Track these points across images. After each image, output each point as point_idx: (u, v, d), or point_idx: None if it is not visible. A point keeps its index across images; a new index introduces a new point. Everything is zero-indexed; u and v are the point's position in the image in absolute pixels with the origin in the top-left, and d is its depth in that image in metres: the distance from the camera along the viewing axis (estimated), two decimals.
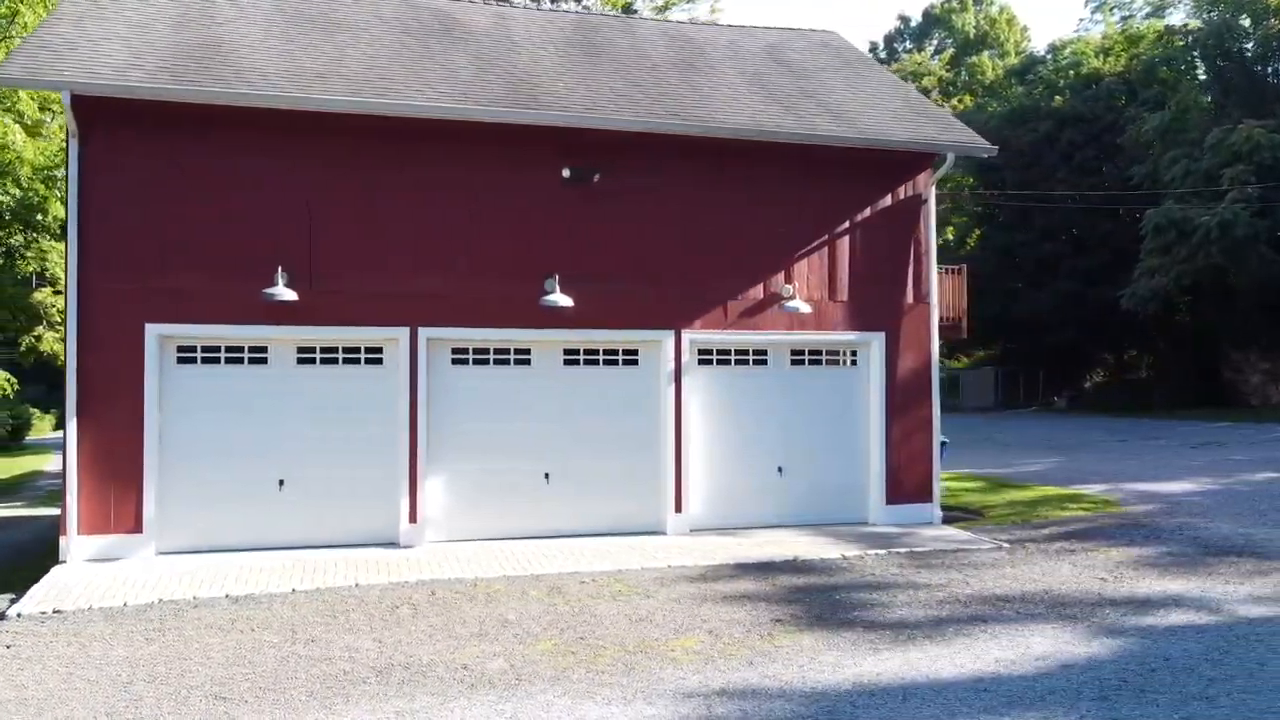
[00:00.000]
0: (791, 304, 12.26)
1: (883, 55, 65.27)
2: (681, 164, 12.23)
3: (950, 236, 51.00)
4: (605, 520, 12.00)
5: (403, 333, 11.32)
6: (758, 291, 12.48)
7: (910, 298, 13.03)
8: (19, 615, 8.69)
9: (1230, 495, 15.18)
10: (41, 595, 9.25)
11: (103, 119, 10.51)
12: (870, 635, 8.00)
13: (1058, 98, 38.98)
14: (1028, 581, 9.76)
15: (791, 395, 12.83)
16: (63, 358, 11.49)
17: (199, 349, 10.97)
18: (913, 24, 67.07)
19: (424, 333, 11.39)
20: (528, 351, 11.95)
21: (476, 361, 11.79)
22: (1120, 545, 11.51)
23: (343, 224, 11.20)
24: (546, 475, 11.91)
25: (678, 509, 12.14)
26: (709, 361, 12.55)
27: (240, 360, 11.11)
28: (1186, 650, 7.42)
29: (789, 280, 12.54)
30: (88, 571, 10.02)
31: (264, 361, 11.19)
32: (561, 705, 6.47)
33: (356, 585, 9.67)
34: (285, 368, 11.24)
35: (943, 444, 14.29)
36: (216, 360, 11.05)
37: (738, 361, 12.69)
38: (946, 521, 13.27)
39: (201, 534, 10.86)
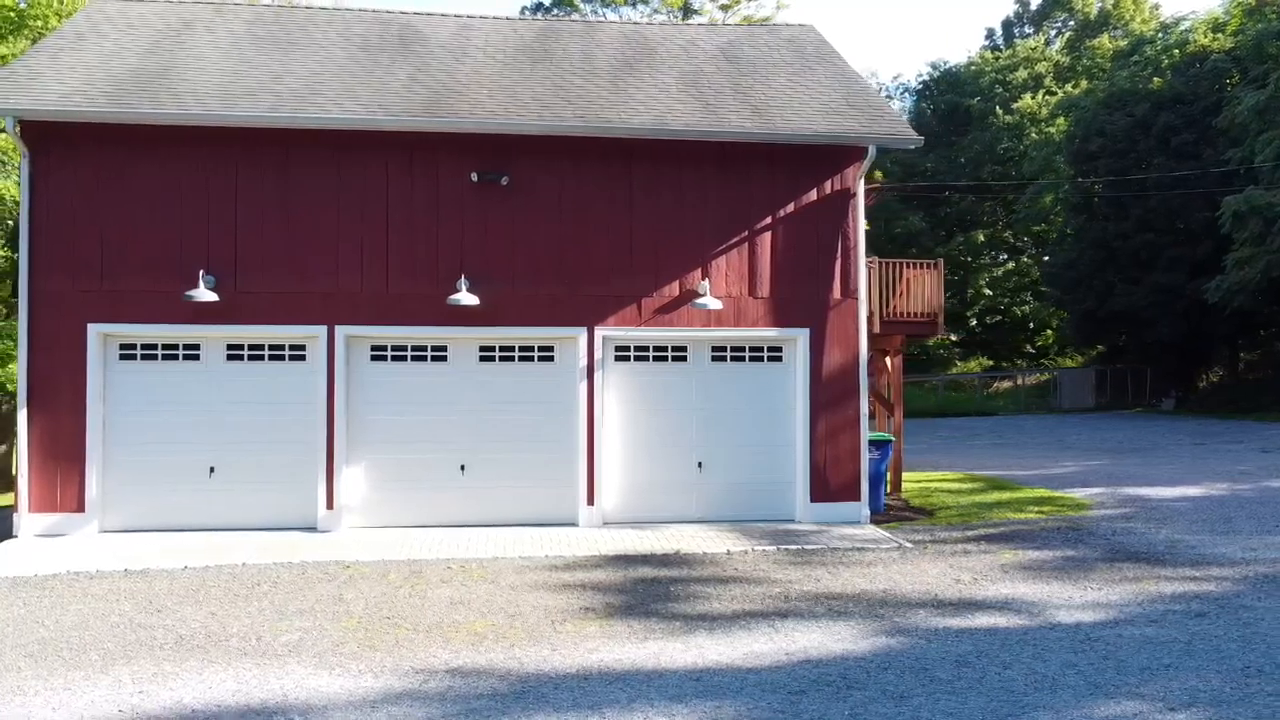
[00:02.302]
0: (701, 301, 12.33)
1: (999, 42, 62.73)
2: (594, 165, 12.51)
3: (1042, 229, 48.72)
4: (519, 511, 12.42)
5: (321, 331, 12.08)
6: (673, 289, 12.61)
7: (837, 293, 12.86)
8: None
9: (1221, 502, 14.20)
10: None
11: (50, 140, 11.70)
12: (660, 626, 8.13)
13: (1156, 79, 36.55)
14: (882, 581, 9.59)
15: (713, 392, 12.89)
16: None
17: (138, 346, 12.05)
18: (1032, 6, 64.06)
19: (341, 330, 12.11)
20: (444, 348, 12.50)
21: (395, 358, 12.44)
22: (1030, 549, 11.07)
23: (266, 229, 12.04)
24: (462, 467, 12.43)
25: (590, 502, 12.43)
26: (626, 358, 12.77)
27: (175, 357, 12.13)
28: (950, 651, 7.25)
29: (706, 277, 12.61)
30: (30, 545, 11.21)
31: (197, 358, 12.17)
32: (300, 674, 6.95)
33: (243, 565, 10.44)
34: (216, 364, 12.19)
35: (885, 442, 14.01)
36: (154, 357, 12.10)
37: (656, 358, 12.85)
38: (884, 520, 13.03)
39: (140, 515, 11.93)
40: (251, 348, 12.23)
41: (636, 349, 12.79)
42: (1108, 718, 5.90)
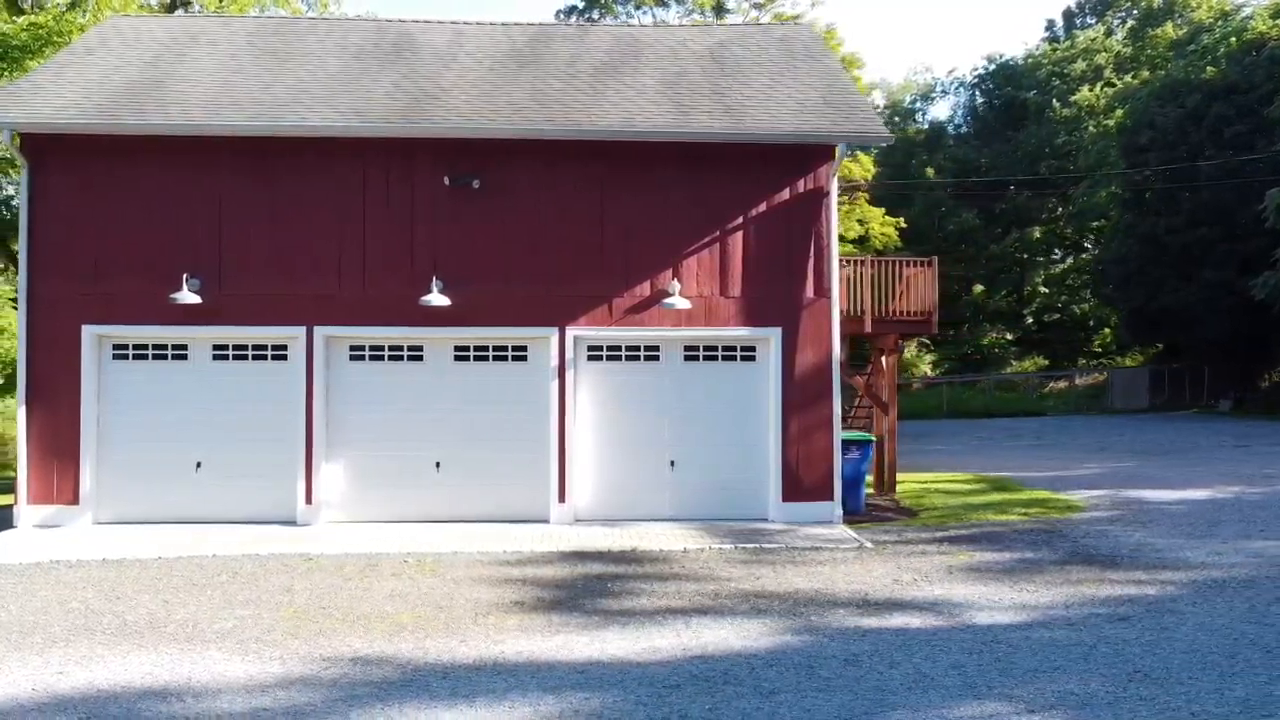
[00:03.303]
0: (669, 301, 12.44)
1: (1059, 32, 61.16)
2: (566, 167, 12.71)
3: (1100, 225, 47.33)
4: (492, 508, 12.68)
5: (300, 331, 12.51)
6: (644, 289, 12.74)
7: (810, 293, 12.83)
8: None
9: (1219, 506, 13.77)
10: None
11: (47, 151, 12.34)
12: (578, 620, 8.28)
13: (1209, 68, 35.27)
14: (821, 580, 9.59)
15: (686, 392, 12.98)
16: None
17: (130, 347, 12.63)
18: None
19: (320, 331, 12.52)
20: (420, 348, 12.83)
21: (373, 358, 12.80)
22: (990, 551, 10.93)
23: (250, 233, 12.51)
24: (437, 464, 12.74)
25: (561, 499, 12.63)
26: (599, 358, 12.93)
27: (165, 357, 12.68)
28: (845, 650, 7.25)
29: (677, 277, 12.71)
30: (25, 535, 11.85)
31: (185, 358, 12.71)
32: (215, 659, 7.28)
33: (212, 556, 10.89)
34: (203, 363, 12.71)
35: (865, 443, 13.92)
36: (145, 357, 12.67)
37: (629, 358, 12.98)
38: (861, 520, 12.98)
39: (131, 507, 12.50)
40: (236, 348, 12.72)
41: (609, 349, 12.95)
42: (962, 718, 5.88)
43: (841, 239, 34.39)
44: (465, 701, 6.31)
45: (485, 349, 12.86)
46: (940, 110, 68.63)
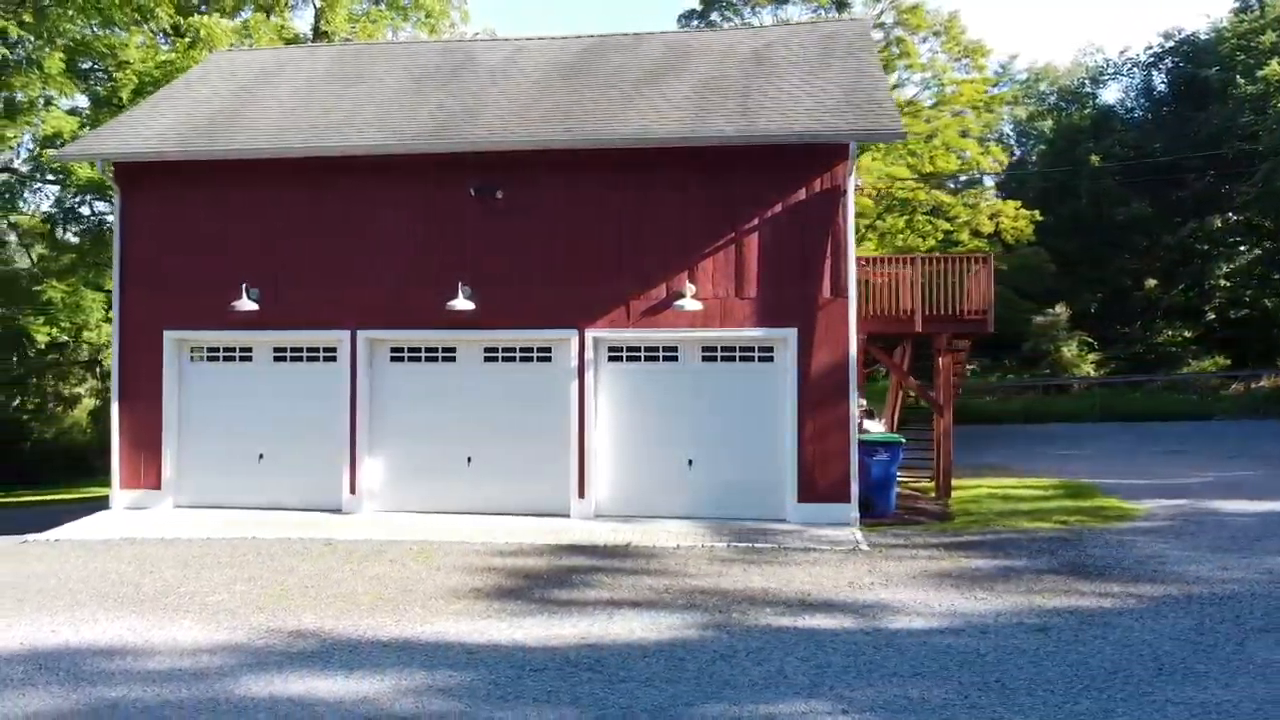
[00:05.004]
0: (680, 303, 12.68)
1: (1253, 1, 55.93)
2: (586, 174, 13.18)
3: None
4: (518, 501, 13.31)
5: (345, 335, 13.59)
6: (660, 291, 13.03)
7: (827, 293, 12.74)
8: (56, 540, 12.32)
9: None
10: (68, 530, 12.80)
11: (136, 177, 13.97)
12: (518, 608, 8.74)
13: None
14: (779, 580, 9.63)
15: (704, 391, 13.17)
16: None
17: (204, 349, 14.11)
18: None
19: (363, 334, 13.56)
20: (453, 350, 13.65)
21: (410, 359, 13.73)
22: (982, 557, 10.59)
23: (303, 245, 13.68)
24: (469, 459, 13.51)
25: (580, 495, 13.11)
26: (619, 358, 13.33)
27: (233, 358, 14.08)
28: (733, 647, 7.41)
29: (693, 279, 12.93)
30: (115, 516, 13.51)
31: (250, 359, 14.07)
32: (184, 626, 8.25)
33: (252, 538, 12.07)
34: (265, 364, 14.03)
35: (894, 444, 13.64)
36: (216, 358, 14.12)
37: (648, 358, 13.31)
38: (887, 523, 12.81)
39: (204, 493, 13.96)
40: (292, 350, 13.96)
41: (629, 350, 13.33)
42: (777, 714, 5.97)
43: (975, 234, 33.12)
44: (344, 672, 6.94)
45: (513, 350, 13.54)
46: (1111, 94, 63.93)
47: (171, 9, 21.40)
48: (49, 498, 21.20)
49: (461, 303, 13.02)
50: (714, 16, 33.70)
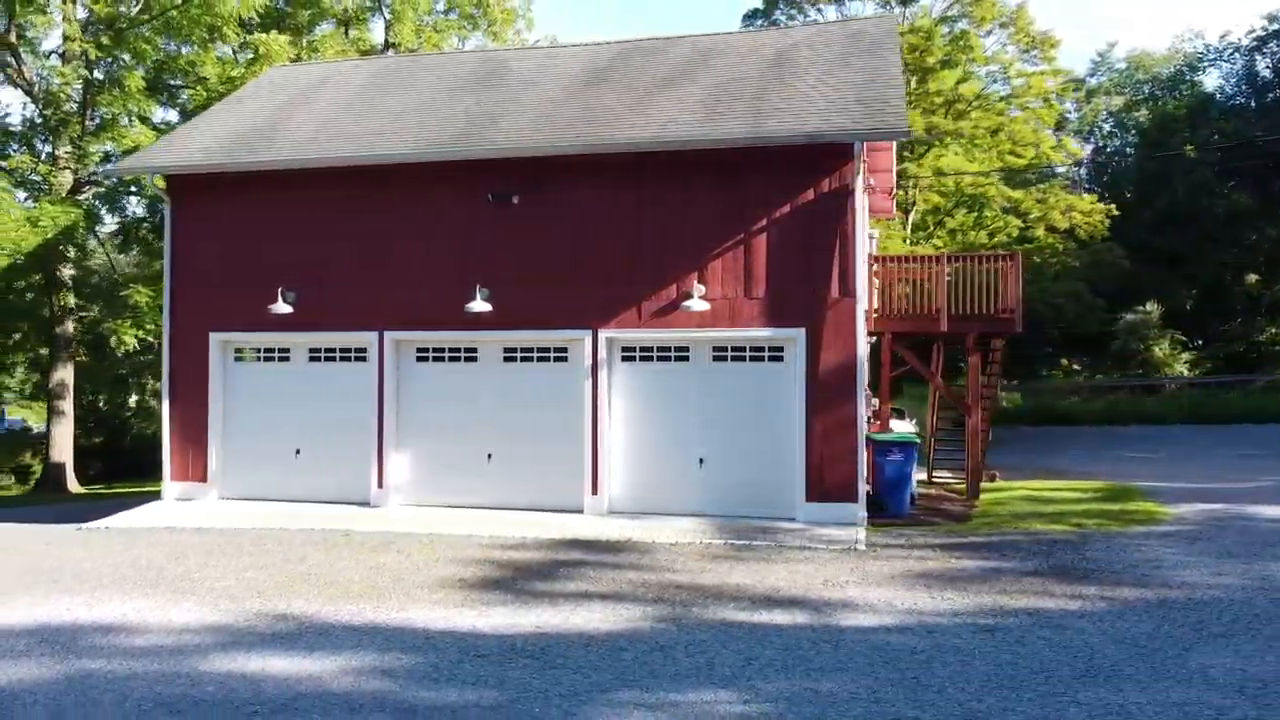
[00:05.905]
0: (687, 304, 12.87)
1: None
2: (600, 178, 13.48)
3: None
4: (535, 497, 13.71)
5: (374, 336, 14.21)
6: (671, 292, 13.24)
7: (834, 293, 12.75)
8: (106, 528, 13.28)
9: None
10: (119, 519, 13.76)
11: (185, 187, 14.88)
12: (492, 598, 9.11)
13: None
14: (756, 577, 9.75)
15: (714, 391, 13.32)
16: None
17: (246, 350, 14.93)
18: None
19: (390, 335, 14.16)
20: (475, 350, 14.13)
21: (435, 359, 14.26)
22: (973, 559, 10.49)
23: (335, 249, 14.35)
24: (489, 456, 13.97)
25: (594, 492, 13.43)
26: (632, 358, 13.59)
27: (273, 358, 14.87)
28: (677, 640, 7.61)
29: (702, 280, 13.10)
30: (164, 506, 14.43)
31: (288, 359, 14.83)
32: (185, 608, 8.88)
33: (281, 529, 12.77)
34: (301, 364, 14.77)
35: (909, 444, 13.54)
36: (258, 359, 14.93)
37: (660, 358, 13.53)
38: (898, 524, 12.76)
39: (247, 486, 14.78)
40: (326, 351, 14.66)
41: (641, 349, 13.58)
42: (681, 702, 6.16)
43: (1051, 229, 32.19)
44: (304, 653, 7.40)
45: (530, 350, 13.94)
46: (1210, 81, 60.67)
47: (239, 28, 22.57)
48: (134, 490, 22.61)
49: (479, 304, 13.48)
50: (777, 15, 33.64)
